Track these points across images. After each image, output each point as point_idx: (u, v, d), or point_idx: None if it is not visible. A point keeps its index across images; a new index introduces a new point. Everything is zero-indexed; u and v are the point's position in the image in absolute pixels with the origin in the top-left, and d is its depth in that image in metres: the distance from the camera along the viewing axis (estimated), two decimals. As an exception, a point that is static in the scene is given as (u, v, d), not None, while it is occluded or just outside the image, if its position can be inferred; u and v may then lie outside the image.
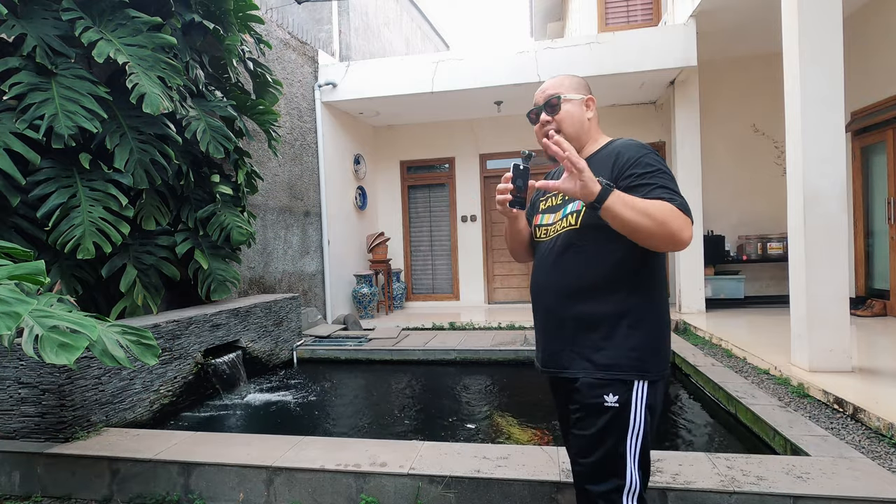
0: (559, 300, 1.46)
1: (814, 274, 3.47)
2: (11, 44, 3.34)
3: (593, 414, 1.38)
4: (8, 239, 3.12)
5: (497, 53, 6.34)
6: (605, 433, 1.37)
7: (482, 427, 3.31)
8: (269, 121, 4.91)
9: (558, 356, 1.47)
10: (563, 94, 1.50)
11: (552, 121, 1.50)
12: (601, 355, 1.39)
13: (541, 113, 1.53)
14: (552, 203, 1.57)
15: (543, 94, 1.53)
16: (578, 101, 1.52)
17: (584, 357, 1.41)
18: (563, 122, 1.50)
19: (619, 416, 1.36)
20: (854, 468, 2.15)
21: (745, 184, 7.06)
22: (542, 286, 1.52)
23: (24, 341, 1.92)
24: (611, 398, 1.36)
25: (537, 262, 1.56)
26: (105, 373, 3.03)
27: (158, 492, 2.44)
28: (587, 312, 1.41)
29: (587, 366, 1.40)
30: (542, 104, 1.52)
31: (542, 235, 1.56)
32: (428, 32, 13.60)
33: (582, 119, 1.52)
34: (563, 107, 1.50)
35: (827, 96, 3.44)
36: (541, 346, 1.56)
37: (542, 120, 1.52)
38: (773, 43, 5.93)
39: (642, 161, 1.38)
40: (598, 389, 1.38)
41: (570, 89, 1.52)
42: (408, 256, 8.63)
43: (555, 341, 1.48)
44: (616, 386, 1.37)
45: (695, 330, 5.36)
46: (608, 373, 1.38)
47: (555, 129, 1.49)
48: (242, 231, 4.35)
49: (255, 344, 4.52)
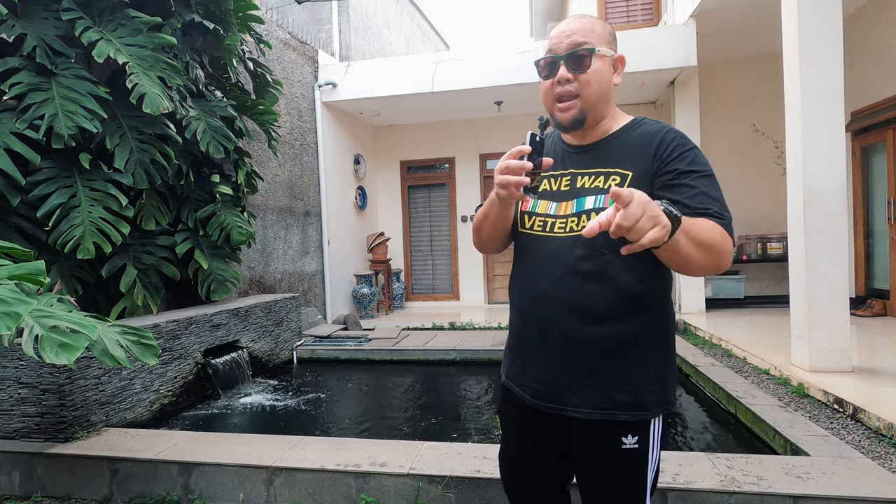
0: (576, 318, 1.14)
1: (814, 274, 3.46)
2: (11, 44, 3.34)
3: (609, 458, 1.16)
4: (8, 239, 3.12)
5: (497, 53, 6.35)
6: (626, 477, 1.17)
7: (482, 427, 3.31)
8: (269, 121, 4.91)
9: (564, 390, 1.17)
10: (597, 47, 1.12)
11: (574, 80, 1.12)
12: (624, 392, 1.14)
13: (558, 65, 1.13)
14: (553, 187, 1.22)
15: (568, 40, 1.12)
16: (609, 58, 1.15)
17: (603, 394, 1.14)
18: (589, 84, 1.12)
19: (639, 457, 1.16)
20: (854, 468, 2.15)
21: (745, 184, 7.05)
22: (550, 298, 1.17)
23: (24, 341, 1.92)
24: (630, 440, 1.14)
25: (539, 265, 1.20)
26: (105, 373, 3.03)
27: (158, 492, 2.44)
28: (610, 336, 1.13)
29: (607, 405, 1.14)
30: (565, 54, 1.12)
31: (540, 228, 1.21)
32: (428, 32, 13.60)
33: (609, 85, 1.16)
34: (593, 63, 1.11)
35: (827, 96, 3.44)
36: (534, 373, 1.22)
37: (560, 76, 1.13)
38: (773, 43, 5.93)
39: (691, 158, 1.10)
40: (618, 431, 1.15)
41: (602, 41, 1.14)
42: (408, 256, 8.63)
43: (561, 371, 1.17)
44: (636, 426, 1.15)
45: (695, 330, 5.36)
46: (633, 413, 1.14)
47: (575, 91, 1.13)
48: (242, 231, 4.35)
49: (255, 344, 4.52)
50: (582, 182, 1.17)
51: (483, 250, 1.37)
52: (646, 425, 1.16)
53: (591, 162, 1.18)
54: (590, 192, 1.15)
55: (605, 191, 1.13)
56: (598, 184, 1.15)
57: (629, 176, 1.13)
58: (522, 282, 1.25)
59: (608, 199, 1.04)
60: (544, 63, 1.16)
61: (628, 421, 1.14)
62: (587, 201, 1.14)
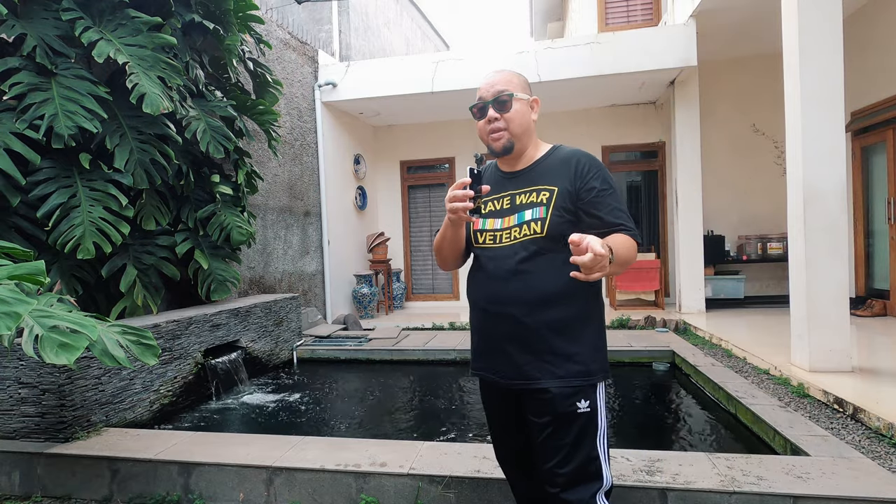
0: (529, 309, 1.41)
1: (814, 274, 3.46)
2: (11, 44, 3.34)
3: (567, 422, 1.38)
4: (8, 239, 3.12)
5: (497, 53, 6.35)
6: (581, 439, 1.38)
7: (482, 427, 3.30)
8: (269, 121, 4.91)
9: (525, 368, 1.42)
10: (515, 93, 1.45)
11: (500, 118, 1.45)
12: (573, 362, 1.39)
13: (487, 109, 1.46)
14: (497, 207, 1.52)
15: (492, 90, 1.46)
16: (526, 101, 1.49)
17: (555, 365, 1.40)
18: (513, 121, 1.45)
19: (591, 420, 1.40)
20: (854, 468, 2.15)
21: (745, 184, 7.06)
22: (503, 296, 1.44)
23: (24, 341, 1.93)
24: (583, 404, 1.38)
25: (489, 272, 1.48)
26: (105, 373, 3.03)
27: (158, 492, 2.44)
28: (557, 318, 1.40)
29: (560, 374, 1.39)
30: (491, 100, 1.46)
31: (491, 241, 1.49)
32: (428, 32, 13.60)
33: (529, 120, 1.49)
34: (513, 105, 1.45)
35: (827, 96, 3.44)
36: (499, 360, 1.48)
37: (489, 116, 1.46)
38: (773, 43, 5.93)
39: (602, 177, 1.42)
40: (572, 398, 1.38)
41: (519, 88, 1.48)
42: (408, 256, 8.63)
43: (520, 353, 1.43)
44: (587, 391, 1.40)
45: (695, 330, 5.36)
46: (583, 379, 1.39)
47: (503, 126, 1.45)
48: (242, 231, 4.35)
49: (255, 344, 4.52)
50: (520, 199, 1.48)
51: (444, 267, 1.67)
52: (593, 390, 1.41)
53: (524, 183, 1.49)
54: (527, 207, 1.45)
55: (538, 203, 1.43)
56: (532, 199, 1.45)
57: (555, 191, 1.43)
58: (480, 286, 1.52)
59: (542, 210, 1.41)
60: (477, 108, 1.49)
61: (581, 386, 1.39)
62: (526, 213, 1.45)
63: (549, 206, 1.41)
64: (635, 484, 2.04)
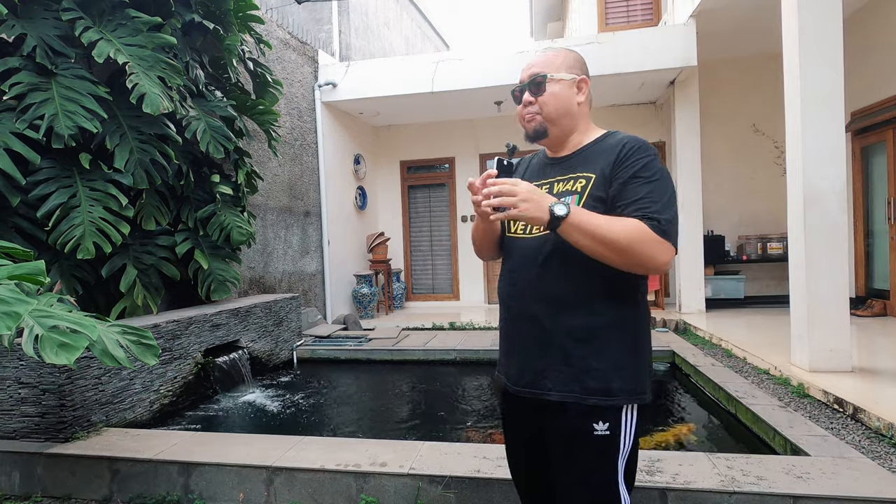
0: (549, 309, 1.27)
1: (814, 274, 3.46)
2: (11, 44, 3.34)
3: (581, 442, 1.24)
4: (8, 239, 3.12)
5: (497, 53, 6.34)
6: (597, 463, 1.24)
7: (482, 427, 3.30)
8: (269, 121, 4.91)
9: (540, 375, 1.28)
10: (550, 74, 1.34)
11: (535, 102, 1.35)
12: (590, 377, 1.23)
13: (524, 92, 1.38)
14: None
15: (529, 71, 1.37)
16: (569, 81, 1.35)
17: (572, 378, 1.24)
18: (546, 104, 1.34)
19: (609, 444, 1.23)
20: (854, 468, 2.15)
21: (745, 184, 7.05)
22: (526, 291, 1.32)
23: (24, 341, 1.92)
24: (601, 427, 1.22)
25: (517, 263, 1.36)
26: (105, 373, 3.03)
27: (158, 492, 2.44)
28: (580, 325, 1.25)
29: (576, 388, 1.24)
30: (527, 82, 1.37)
31: (522, 231, 1.37)
32: (428, 32, 13.60)
33: (569, 102, 1.35)
34: (548, 87, 1.34)
35: (827, 96, 3.44)
36: (515, 361, 1.35)
37: (524, 100, 1.37)
38: (773, 43, 5.92)
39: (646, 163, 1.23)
40: (588, 417, 1.23)
41: (561, 68, 1.36)
42: (408, 256, 8.63)
43: (537, 357, 1.29)
44: (606, 413, 1.23)
45: (695, 330, 5.36)
46: (601, 398, 1.22)
47: (537, 111, 1.35)
48: (242, 231, 4.35)
49: (256, 344, 4.52)
50: (558, 187, 1.35)
51: (481, 257, 1.55)
52: (617, 413, 1.23)
53: (566, 170, 1.36)
54: (562, 195, 1.31)
55: (572, 192, 1.30)
56: (569, 187, 1.32)
57: (592, 178, 1.28)
58: (507, 280, 1.40)
59: (574, 199, 1.27)
60: (516, 91, 1.40)
61: (599, 406, 1.22)
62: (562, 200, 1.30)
63: (582, 194, 1.27)
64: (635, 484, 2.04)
